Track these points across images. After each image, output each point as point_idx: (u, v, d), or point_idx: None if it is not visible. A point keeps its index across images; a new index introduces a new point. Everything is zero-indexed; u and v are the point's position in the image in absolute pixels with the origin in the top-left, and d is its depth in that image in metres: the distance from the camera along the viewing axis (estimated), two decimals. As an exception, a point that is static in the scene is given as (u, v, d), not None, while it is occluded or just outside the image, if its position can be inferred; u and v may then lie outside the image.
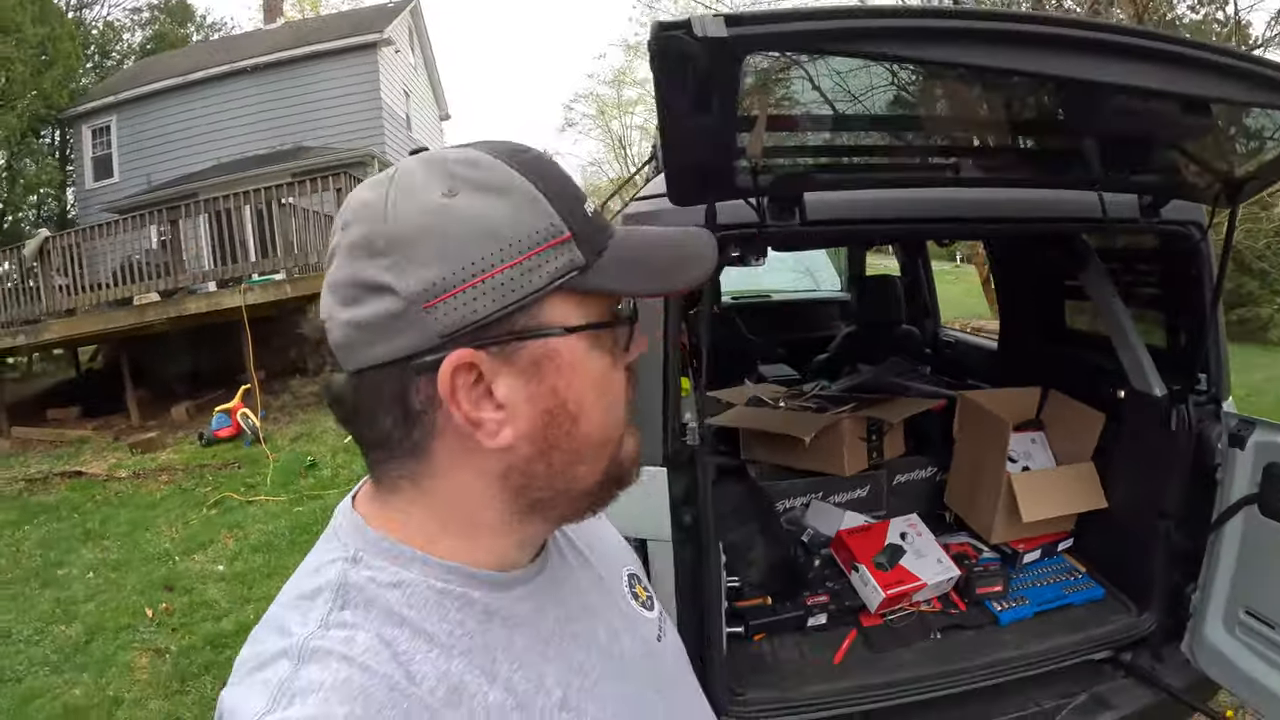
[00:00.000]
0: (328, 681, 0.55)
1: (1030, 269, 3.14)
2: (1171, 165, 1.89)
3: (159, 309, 10.03)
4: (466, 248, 0.57)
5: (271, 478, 7.31)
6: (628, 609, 0.81)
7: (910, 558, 2.29)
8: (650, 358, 1.67)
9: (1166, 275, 2.36)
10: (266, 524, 6.16)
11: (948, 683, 1.93)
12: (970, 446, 2.64)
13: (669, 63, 1.09)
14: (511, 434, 0.61)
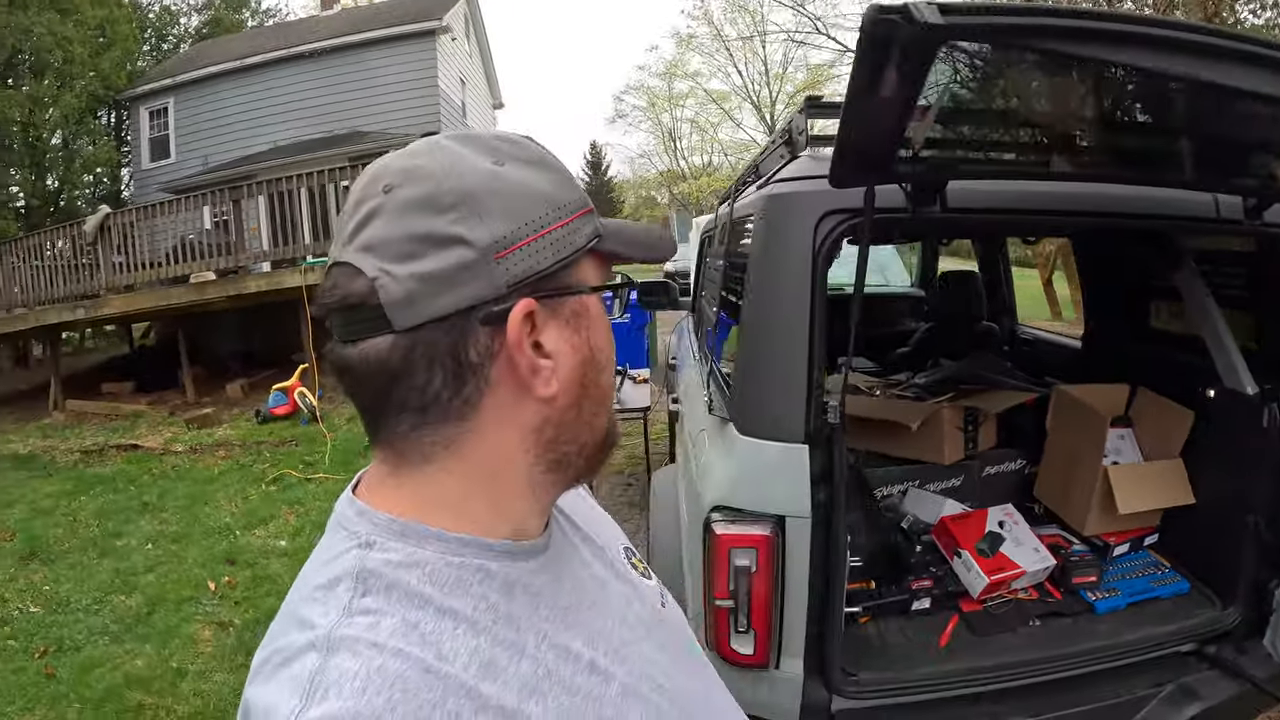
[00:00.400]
0: (361, 670, 0.55)
1: (1120, 268, 3.16)
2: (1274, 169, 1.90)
3: (219, 286, 10.24)
4: (527, 207, 0.63)
5: (330, 456, 7.42)
6: (632, 578, 0.84)
7: (1010, 546, 2.33)
8: (795, 332, 1.74)
9: (1261, 277, 2.38)
10: (327, 502, 6.11)
11: (1049, 668, 1.97)
12: (1064, 440, 2.67)
13: (877, 45, 1.14)
14: (557, 382, 0.65)
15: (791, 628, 1.74)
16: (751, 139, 38.15)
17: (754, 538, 1.67)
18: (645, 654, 0.74)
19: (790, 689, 1.79)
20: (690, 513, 1.99)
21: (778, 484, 1.71)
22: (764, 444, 1.73)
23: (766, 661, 1.75)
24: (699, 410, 2.35)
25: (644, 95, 39.74)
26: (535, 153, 0.68)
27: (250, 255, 10.59)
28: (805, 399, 1.71)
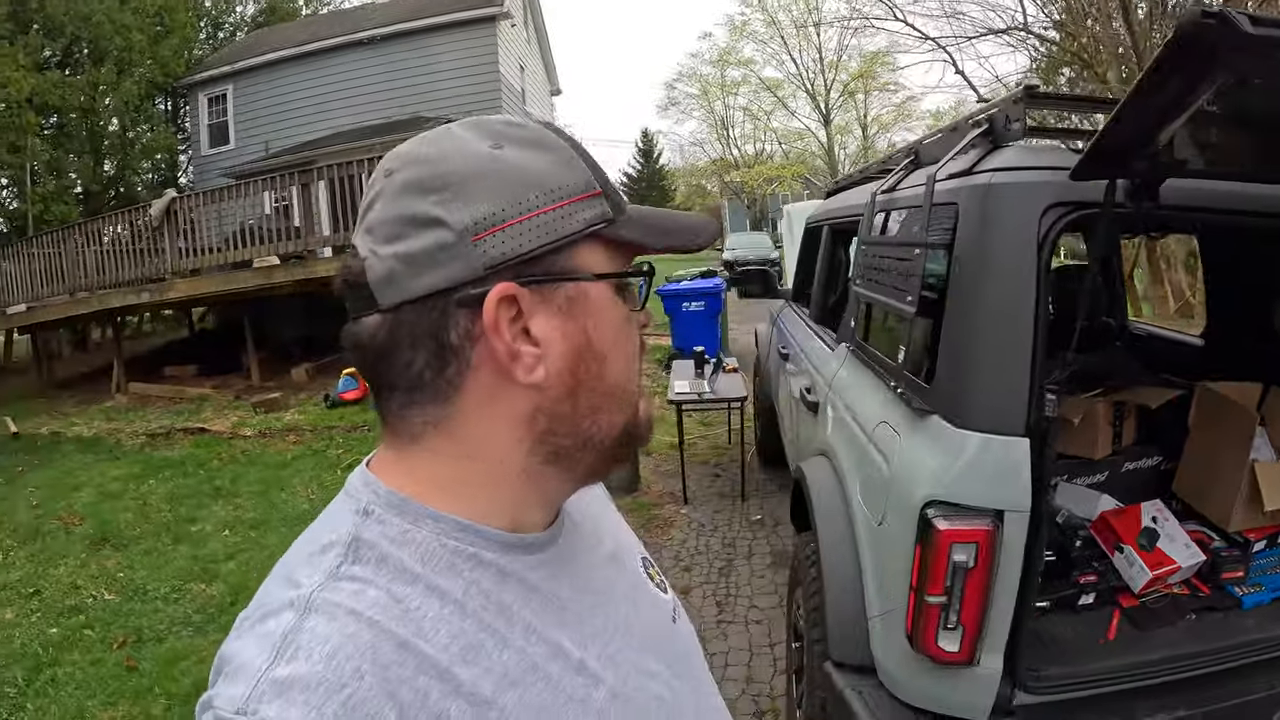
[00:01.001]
0: (334, 636, 0.55)
1: (1251, 267, 3.15)
2: None
3: (286, 270, 10.42)
4: (514, 189, 0.63)
5: None
6: (645, 588, 0.84)
7: (1164, 541, 2.32)
8: (1019, 324, 1.75)
9: None
10: (406, 487, 6.34)
11: (1207, 661, 1.98)
12: (1207, 436, 2.65)
13: (1187, 47, 1.16)
14: (545, 371, 0.64)
15: (995, 623, 1.75)
16: (805, 127, 38.00)
17: (976, 532, 1.67)
18: (645, 664, 0.74)
19: (987, 685, 1.80)
20: (883, 509, 2.00)
21: (999, 478, 1.71)
22: (985, 437, 1.74)
23: (970, 658, 1.76)
24: (868, 404, 2.36)
25: (696, 83, 39.92)
26: (536, 135, 0.67)
27: (318, 240, 10.75)
28: (1028, 392, 1.72)
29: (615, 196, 0.68)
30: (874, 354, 2.54)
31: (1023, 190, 1.79)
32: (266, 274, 10.42)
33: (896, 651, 1.92)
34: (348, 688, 0.52)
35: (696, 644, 0.87)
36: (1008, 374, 1.75)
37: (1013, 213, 1.78)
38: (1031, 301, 1.74)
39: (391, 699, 0.54)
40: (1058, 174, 1.77)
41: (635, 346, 0.72)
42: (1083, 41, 9.22)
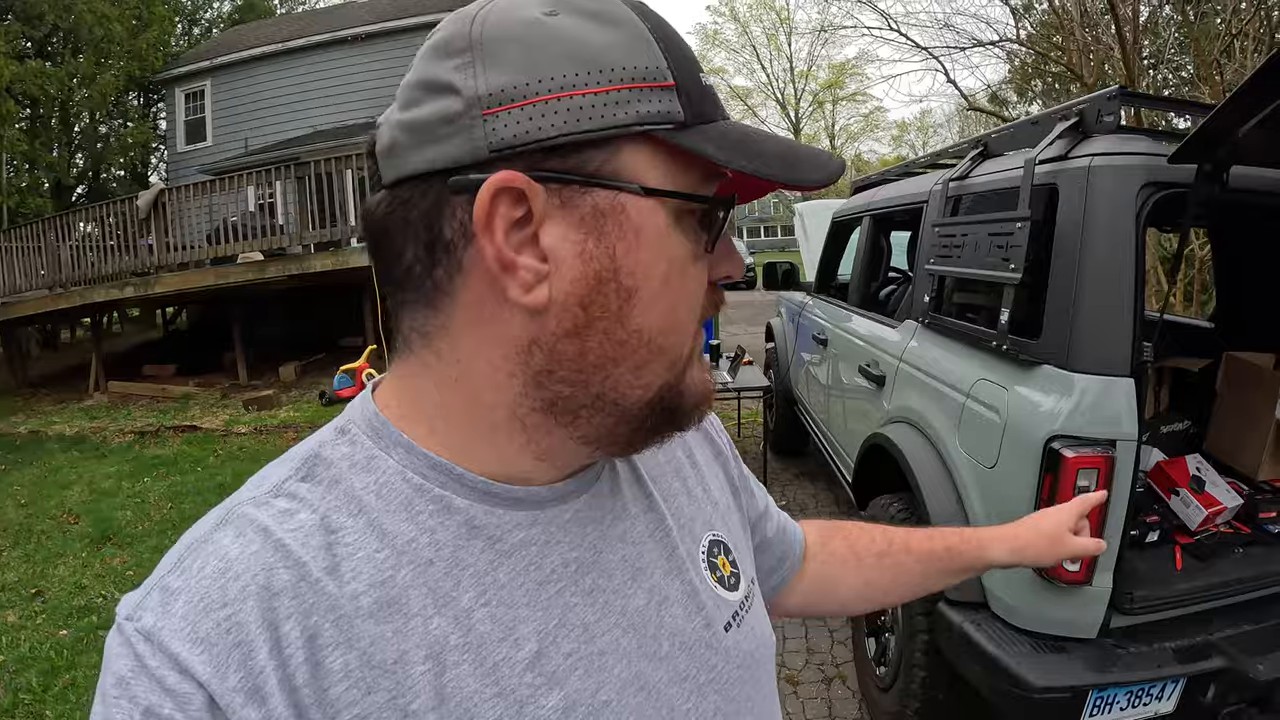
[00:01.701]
0: (232, 553, 0.52)
1: (1256, 253, 3.56)
2: None
3: (280, 265, 10.50)
4: (551, 62, 0.51)
5: None
6: (696, 579, 0.70)
7: (1210, 486, 2.68)
8: (1125, 282, 2.07)
9: None
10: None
11: (1263, 584, 2.34)
12: (1235, 398, 3.07)
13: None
14: (547, 293, 0.53)
15: (1109, 544, 2.04)
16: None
17: (1096, 459, 1.97)
18: (639, 675, 0.62)
19: (1098, 603, 2.11)
20: (997, 453, 2.29)
21: (1111, 412, 2.03)
22: (1097, 378, 2.05)
23: (1087, 578, 2.06)
24: (959, 367, 2.68)
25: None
26: (607, 7, 0.54)
27: (312, 235, 10.86)
28: (1131, 339, 2.04)
29: (697, 97, 0.55)
30: (957, 323, 2.85)
31: (1122, 171, 2.12)
32: (259, 269, 10.51)
33: (1013, 580, 2.22)
34: (228, 607, 0.50)
35: (760, 658, 0.73)
36: (1114, 324, 2.07)
37: (1114, 190, 2.11)
38: (1132, 263, 2.07)
39: (270, 629, 0.50)
40: (1148, 159, 2.12)
41: (693, 295, 0.59)
42: (1072, 54, 9.74)
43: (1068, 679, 2.05)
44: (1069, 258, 2.15)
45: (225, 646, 0.49)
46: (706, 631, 0.67)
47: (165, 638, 0.49)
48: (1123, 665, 2.08)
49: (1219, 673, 2.09)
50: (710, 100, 0.56)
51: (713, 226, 0.58)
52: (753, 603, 0.75)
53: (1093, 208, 2.11)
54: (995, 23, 13.92)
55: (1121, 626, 2.17)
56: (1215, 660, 2.10)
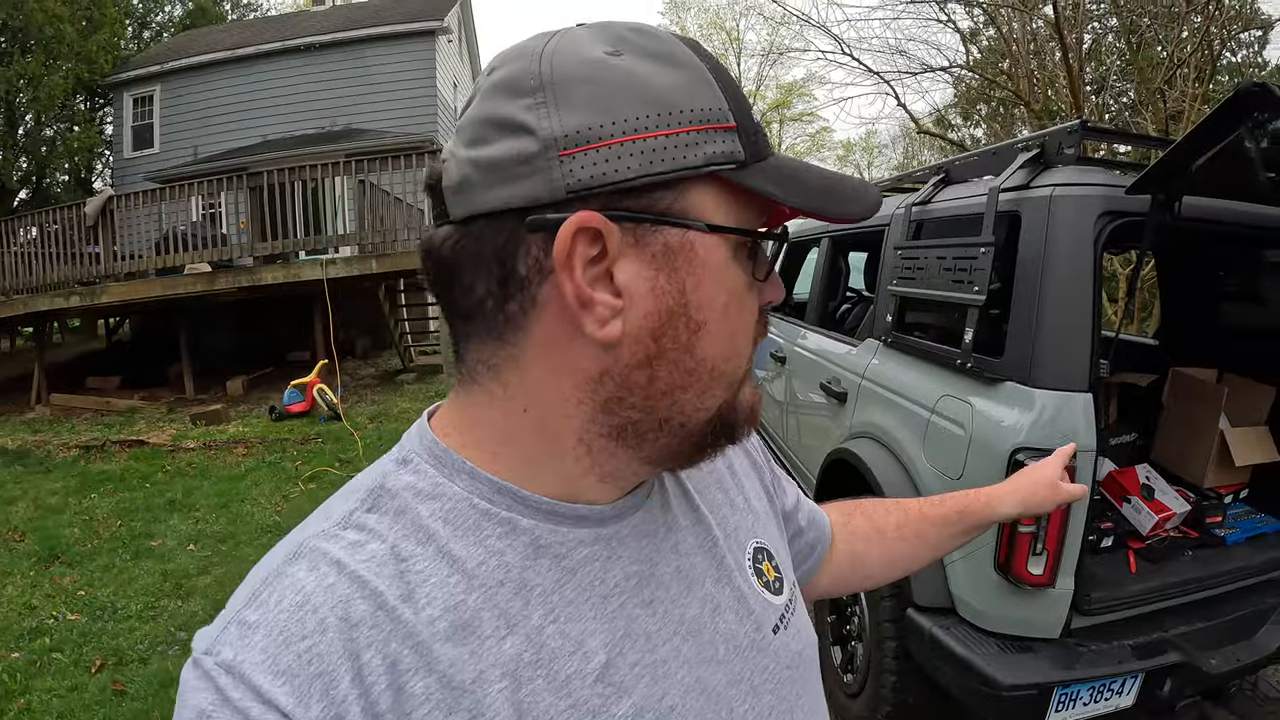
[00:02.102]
0: (308, 586, 0.54)
1: (1199, 275, 3.80)
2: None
3: (229, 277, 10.37)
4: (623, 104, 0.53)
5: (365, 454, 7.49)
6: (744, 585, 0.73)
7: (1159, 494, 2.88)
8: (1084, 303, 2.23)
9: None
10: (378, 500, 6.36)
11: (1212, 584, 2.56)
12: (1181, 411, 3.29)
13: (1238, 104, 1.70)
14: (621, 327, 0.56)
15: (1069, 549, 2.21)
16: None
17: None
18: (700, 679, 0.65)
19: (1061, 604, 2.26)
20: (963, 465, 2.43)
21: (1072, 424, 2.19)
22: (1059, 393, 2.21)
23: (1050, 580, 2.21)
24: (922, 383, 2.83)
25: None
26: (667, 48, 0.57)
27: (261, 248, 10.71)
28: (1089, 356, 2.21)
29: (754, 136, 0.58)
30: (920, 342, 3.01)
31: (1082, 201, 2.30)
32: (209, 281, 10.36)
33: (980, 585, 2.36)
34: (308, 639, 0.52)
35: (806, 658, 0.77)
36: (1073, 343, 2.24)
37: (1074, 218, 2.28)
38: (1090, 286, 2.25)
39: (351, 659, 0.52)
40: (1106, 189, 2.30)
41: (747, 322, 0.62)
42: (1019, 80, 10.11)
43: (1034, 676, 2.20)
44: (1031, 281, 2.31)
45: (307, 677, 0.51)
46: (757, 634, 0.71)
47: (247, 670, 0.50)
48: (1085, 662, 2.24)
49: (1175, 667, 2.26)
50: (763, 137, 0.59)
51: (758, 256, 0.61)
52: (796, 605, 0.79)
53: (1054, 234, 2.28)
54: (945, 48, 14.51)
55: (1083, 626, 2.34)
56: (1171, 655, 2.27)
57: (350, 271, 10.00)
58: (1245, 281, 3.47)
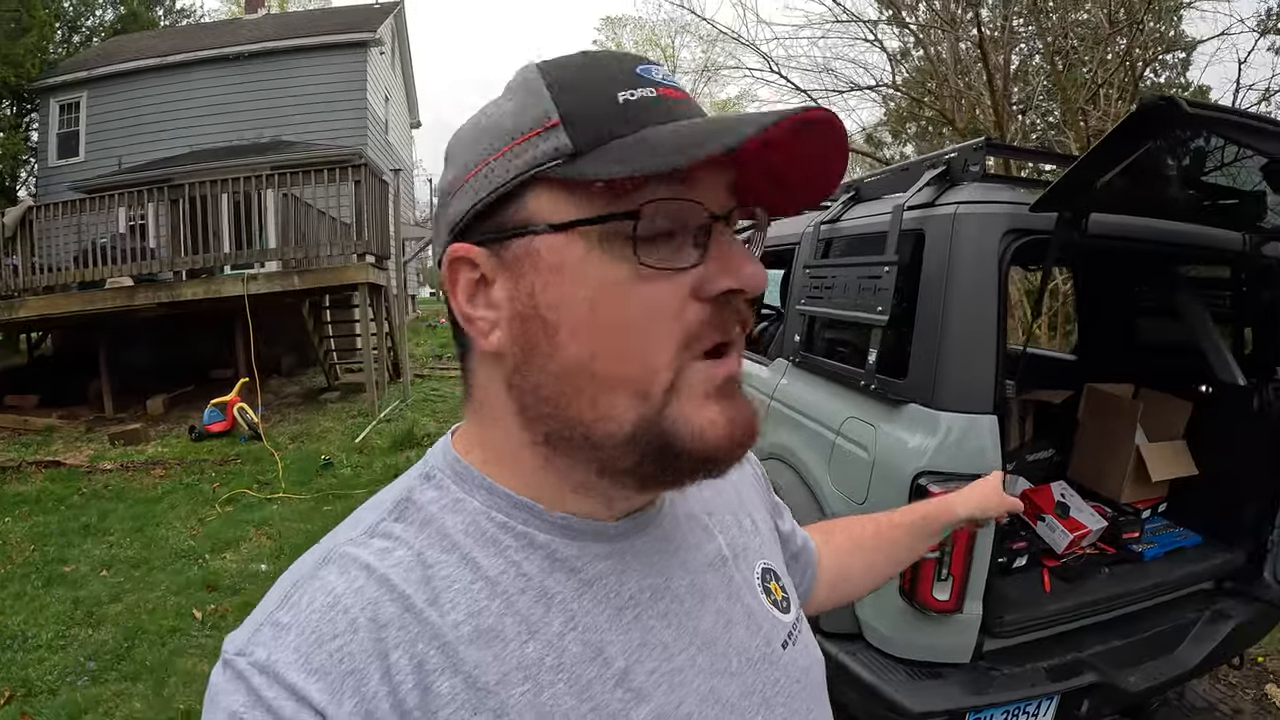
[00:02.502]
0: (338, 588, 0.57)
1: (1115, 293, 3.85)
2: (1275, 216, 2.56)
3: (150, 292, 10.03)
4: (468, 148, 0.61)
5: (284, 475, 7.37)
6: (754, 603, 0.76)
7: (1075, 511, 2.89)
8: (988, 324, 2.19)
9: (1247, 297, 3.04)
10: (299, 523, 6.18)
11: (1129, 601, 2.56)
12: (1097, 427, 3.31)
13: (1142, 119, 1.67)
14: (499, 336, 0.60)
15: (975, 574, 2.17)
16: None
17: None
18: (714, 689, 0.67)
19: (969, 629, 2.22)
20: (867, 489, 2.39)
21: (976, 447, 2.15)
22: (961, 416, 2.17)
23: (957, 606, 2.17)
24: (829, 405, 2.78)
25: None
26: (522, 78, 0.61)
27: (182, 261, 10.39)
28: (994, 377, 2.17)
29: (595, 121, 0.57)
30: (827, 362, 2.98)
31: (986, 219, 2.27)
32: (128, 295, 10.01)
33: (886, 612, 2.31)
34: (339, 638, 0.54)
35: (814, 676, 0.79)
36: (977, 364, 2.20)
37: (978, 236, 2.25)
38: (994, 306, 2.21)
39: (380, 658, 0.54)
40: (1011, 207, 2.27)
41: (648, 317, 0.57)
42: (944, 99, 10.27)
43: (944, 703, 2.16)
44: (934, 300, 2.28)
45: (339, 675, 0.53)
46: (767, 649, 0.73)
47: (281, 669, 0.53)
48: (998, 686, 2.21)
49: (1092, 687, 2.24)
50: (624, 117, 0.56)
51: (657, 241, 0.57)
52: (802, 624, 0.81)
53: (957, 253, 2.25)
54: (873, 68, 14.78)
55: (994, 649, 2.32)
56: (1088, 676, 2.25)
57: (272, 288, 9.72)
58: (1161, 297, 3.50)
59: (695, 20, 11.44)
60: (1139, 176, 2.09)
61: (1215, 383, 3.03)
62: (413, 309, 22.76)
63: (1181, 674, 2.41)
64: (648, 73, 0.60)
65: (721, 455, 0.60)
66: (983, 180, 2.40)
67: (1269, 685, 3.62)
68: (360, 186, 9.98)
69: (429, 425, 9.04)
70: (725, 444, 0.60)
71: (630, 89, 0.58)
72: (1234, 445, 2.92)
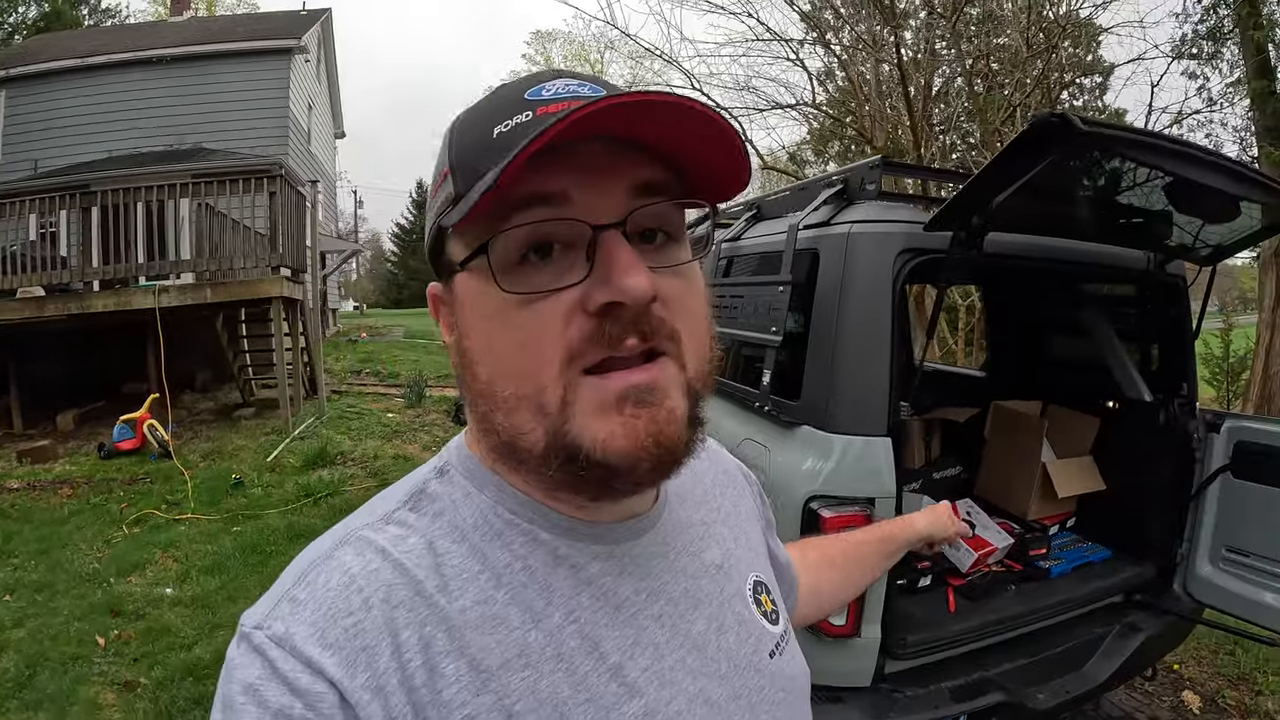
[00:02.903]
0: (353, 568, 0.60)
1: (1027, 311, 3.90)
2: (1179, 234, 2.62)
3: (60, 303, 9.59)
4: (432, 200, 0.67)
5: (194, 495, 7.13)
6: (745, 612, 0.79)
7: (981, 529, 2.89)
8: (882, 345, 2.16)
9: (1152, 315, 3.10)
10: (206, 544, 5.99)
11: (1035, 618, 2.56)
12: (1003, 444, 3.33)
13: (1035, 137, 1.66)
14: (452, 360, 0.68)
15: (873, 598, 2.14)
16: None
17: (854, 518, 2.06)
18: (703, 691, 0.70)
19: (869, 652, 2.19)
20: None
21: (869, 470, 2.12)
22: (854, 438, 2.14)
23: (854, 630, 2.13)
24: (724, 426, 2.74)
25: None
26: (448, 125, 0.67)
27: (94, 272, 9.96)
28: (888, 399, 2.14)
29: (474, 162, 0.60)
30: (725, 383, 2.95)
31: (880, 238, 2.25)
32: (38, 306, 9.55)
33: (805, 631, 2.25)
34: (353, 615, 0.57)
35: (799, 685, 0.82)
36: (871, 385, 2.17)
37: (873, 255, 2.22)
38: (888, 327, 2.18)
39: (391, 636, 0.57)
40: (906, 226, 2.26)
41: (533, 338, 0.59)
42: (864, 119, 10.45)
43: None
44: (828, 321, 2.25)
45: (353, 650, 0.56)
46: (755, 656, 0.76)
47: (298, 642, 0.55)
48: (900, 709, 2.18)
49: (999, 706, 2.22)
50: (495, 150, 0.58)
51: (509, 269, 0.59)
52: (790, 637, 0.85)
53: (851, 273, 2.22)
54: (795, 87, 14.98)
55: (897, 671, 2.29)
56: (994, 695, 2.24)
57: (185, 300, 9.36)
58: (1069, 315, 3.54)
59: (622, 36, 11.40)
60: (1044, 196, 2.09)
61: (1122, 399, 3.08)
62: (333, 323, 22.25)
63: (1091, 689, 2.42)
64: (537, 94, 0.62)
65: (629, 465, 0.60)
66: (880, 199, 2.39)
67: (1185, 692, 3.70)
68: (276, 198, 9.67)
69: (344, 443, 8.82)
70: (630, 454, 0.60)
71: (508, 119, 0.60)
72: (1141, 460, 2.97)
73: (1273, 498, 2.59)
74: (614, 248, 0.58)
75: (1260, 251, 7.02)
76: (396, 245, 70.23)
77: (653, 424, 0.60)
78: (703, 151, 0.61)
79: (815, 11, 11.63)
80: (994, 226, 2.23)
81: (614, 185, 0.60)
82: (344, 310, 33.17)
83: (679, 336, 0.62)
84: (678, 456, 0.62)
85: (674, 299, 0.62)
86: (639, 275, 0.58)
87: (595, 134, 0.56)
